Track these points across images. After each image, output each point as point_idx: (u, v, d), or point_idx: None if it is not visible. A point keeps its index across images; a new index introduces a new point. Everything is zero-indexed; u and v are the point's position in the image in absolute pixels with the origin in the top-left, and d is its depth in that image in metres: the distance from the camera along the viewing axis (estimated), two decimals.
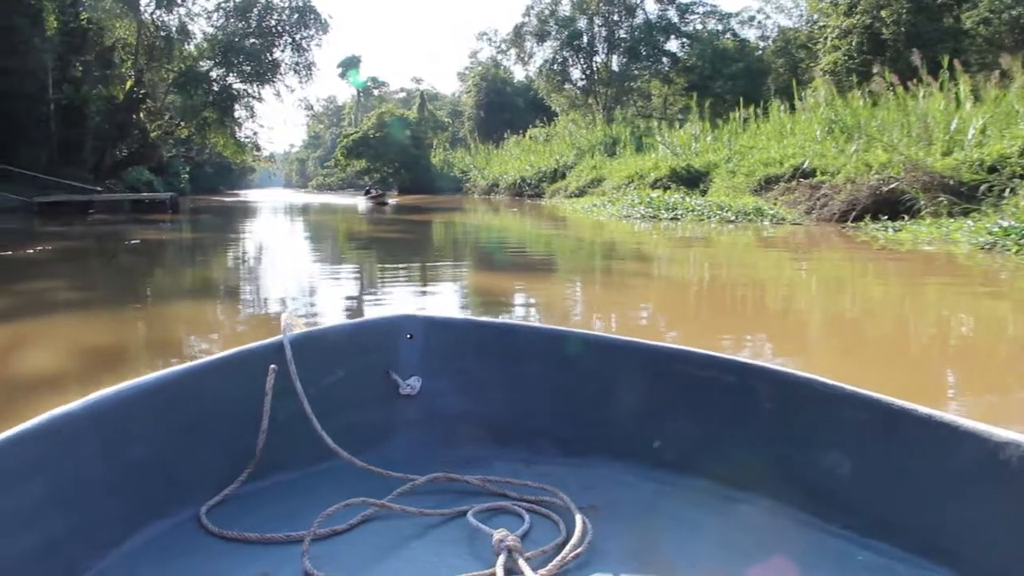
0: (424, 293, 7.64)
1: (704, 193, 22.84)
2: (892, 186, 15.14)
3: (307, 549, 1.48)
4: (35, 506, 1.38)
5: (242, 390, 1.79)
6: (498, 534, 1.47)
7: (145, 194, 30.40)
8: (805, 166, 19.31)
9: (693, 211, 18.83)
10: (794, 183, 19.38)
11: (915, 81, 18.44)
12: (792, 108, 27.85)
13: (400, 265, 10.57)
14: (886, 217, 14.15)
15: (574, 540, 1.51)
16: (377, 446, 1.98)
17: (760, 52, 48.81)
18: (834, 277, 9.10)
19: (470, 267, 9.90)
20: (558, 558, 1.45)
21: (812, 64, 39.74)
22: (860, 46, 33.81)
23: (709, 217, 17.98)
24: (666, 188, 24.39)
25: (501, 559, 1.41)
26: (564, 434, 2.01)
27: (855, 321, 6.43)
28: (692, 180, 24.60)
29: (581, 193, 32.10)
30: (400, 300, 7.01)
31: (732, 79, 44.72)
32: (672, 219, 18.64)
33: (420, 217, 25.69)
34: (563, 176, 38.04)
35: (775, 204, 18.33)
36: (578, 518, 1.60)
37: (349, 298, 7.54)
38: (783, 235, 14.37)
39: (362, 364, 2.06)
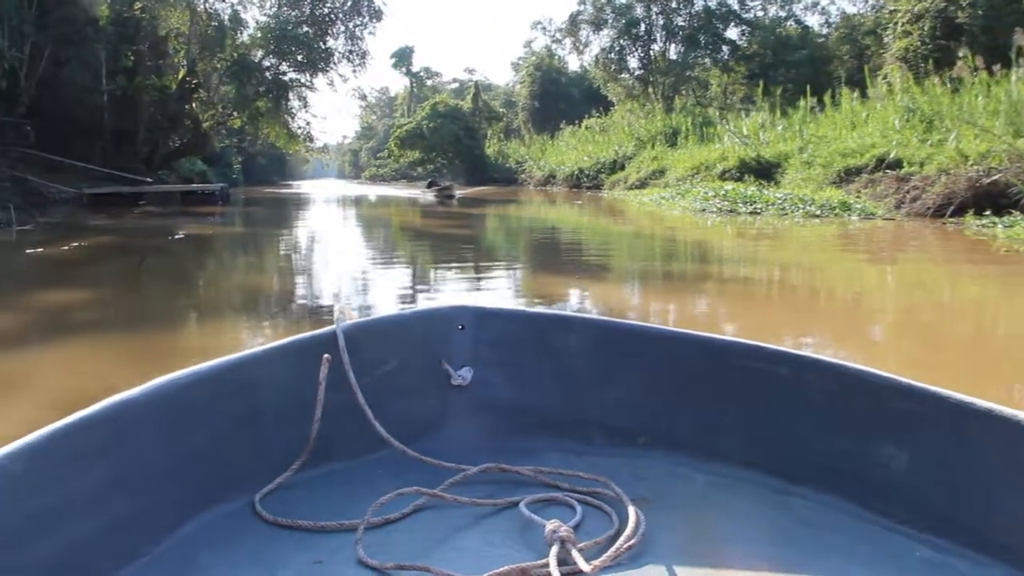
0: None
1: (777, 184, 21.57)
2: (995, 178, 13.83)
3: (361, 537, 1.50)
4: (98, 490, 1.41)
5: (296, 379, 1.80)
6: (551, 525, 1.45)
7: (195, 185, 29.73)
8: (890, 157, 17.95)
9: (773, 204, 17.56)
10: (878, 175, 18.11)
11: (1000, 65, 17.07)
12: (864, 96, 26.63)
13: (497, 272, 9.25)
14: (988, 212, 12.80)
15: (628, 532, 1.50)
16: (429, 436, 1.98)
17: (823, 39, 46.89)
18: (977, 294, 7.58)
19: (571, 276, 8.49)
20: (612, 550, 1.43)
21: (880, 51, 38.08)
22: (933, 31, 32.10)
23: (792, 211, 16.69)
24: (736, 179, 23.32)
25: (554, 550, 1.39)
26: (616, 425, 2.00)
27: None
28: (763, 171, 23.42)
29: (642, 185, 31.07)
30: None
31: (795, 67, 43.20)
32: (751, 213, 17.42)
33: (487, 211, 24.15)
34: (622, 167, 36.98)
35: (858, 197, 17.03)
36: (631, 510, 1.59)
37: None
38: (881, 233, 13.10)
39: (414, 354, 2.06)
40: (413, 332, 2.10)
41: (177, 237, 13.33)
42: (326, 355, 1.80)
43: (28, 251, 10.76)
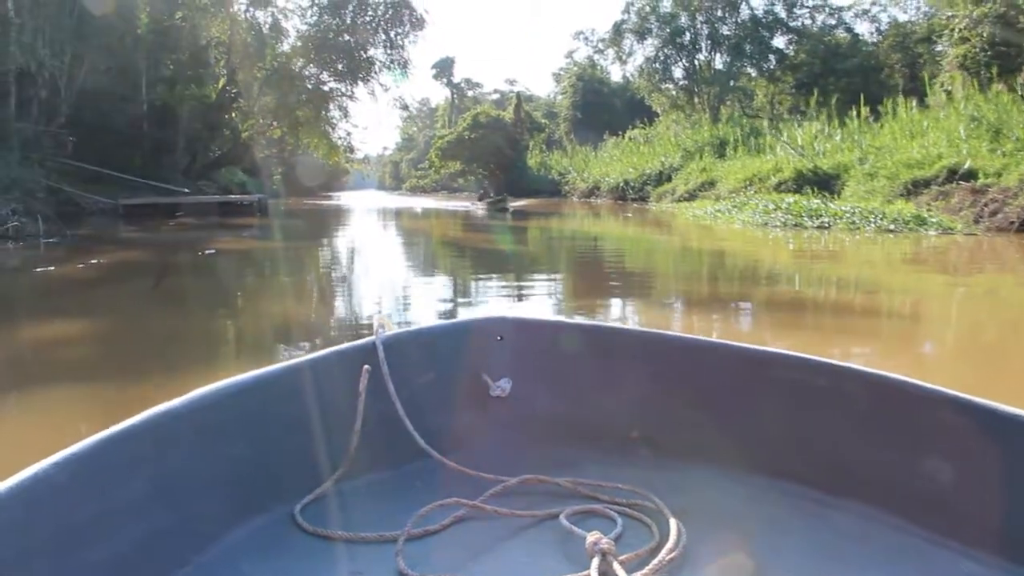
0: None
1: (836, 197, 20.49)
2: None
3: (401, 548, 1.50)
4: (141, 500, 1.41)
5: (335, 390, 1.81)
6: (592, 537, 1.44)
7: (232, 196, 29.05)
8: (963, 168, 16.85)
9: (841, 218, 16.42)
10: (949, 187, 17.00)
11: None
12: (922, 105, 25.56)
13: (584, 301, 7.99)
14: None
15: (669, 544, 1.49)
16: (468, 447, 1.96)
17: (873, 47, 45.47)
18: None
19: (661, 304, 7.48)
20: (653, 562, 1.42)
21: (937, 58, 36.75)
22: (993, 36, 30.83)
23: (862, 225, 15.55)
24: (792, 192, 22.33)
25: (595, 562, 1.39)
26: (655, 437, 1.99)
27: None
28: (821, 183, 22.44)
29: (691, 197, 30.30)
30: None
31: (845, 76, 41.94)
32: (819, 227, 16.34)
33: (543, 224, 23.01)
34: (669, 179, 36.28)
35: (930, 210, 15.89)
36: (672, 522, 1.58)
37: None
38: (965, 250, 12.01)
39: (453, 365, 2.07)
40: (452, 343, 2.09)
41: (208, 252, 12.54)
42: (366, 366, 1.82)
43: (38, 269, 10.02)
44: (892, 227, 14.95)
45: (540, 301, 7.66)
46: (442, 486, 1.76)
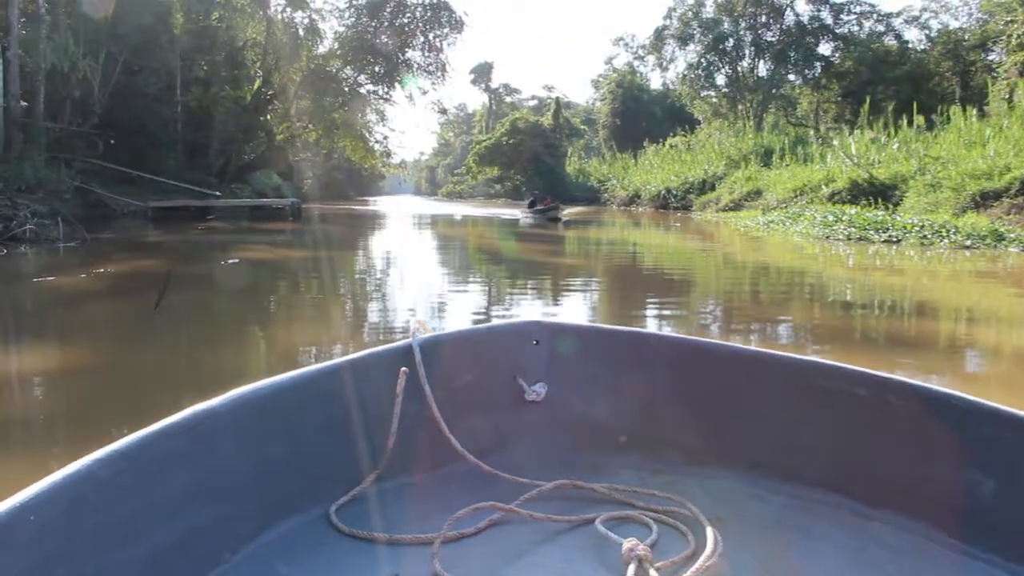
0: None
1: (896, 208, 19.33)
2: None
3: (437, 551, 1.49)
4: (180, 497, 1.42)
5: (371, 392, 1.81)
6: (628, 543, 1.45)
7: (264, 200, 28.28)
8: None
9: (910, 231, 15.21)
10: (1023, 199, 15.84)
11: None
12: (981, 113, 24.38)
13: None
14: None
15: (707, 552, 1.47)
16: (502, 451, 1.96)
17: (923, 55, 43.96)
18: None
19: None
20: (690, 571, 1.41)
21: (994, 66, 35.36)
22: None
23: (934, 240, 14.36)
24: (847, 202, 21.31)
25: (631, 569, 1.39)
26: (691, 444, 1.96)
27: None
28: (877, 194, 21.24)
29: (736, 206, 29.28)
30: None
31: (894, 84, 40.55)
32: (887, 241, 15.11)
33: (600, 236, 21.54)
34: (712, 187, 35.29)
35: (1004, 224, 14.70)
36: (708, 530, 1.56)
37: None
38: None
39: (488, 369, 2.05)
40: (488, 346, 2.08)
41: (230, 262, 11.53)
42: (403, 368, 1.81)
43: (37, 279, 9.10)
44: (968, 243, 13.71)
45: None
46: (477, 489, 1.75)
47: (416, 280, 10.27)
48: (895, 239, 15.22)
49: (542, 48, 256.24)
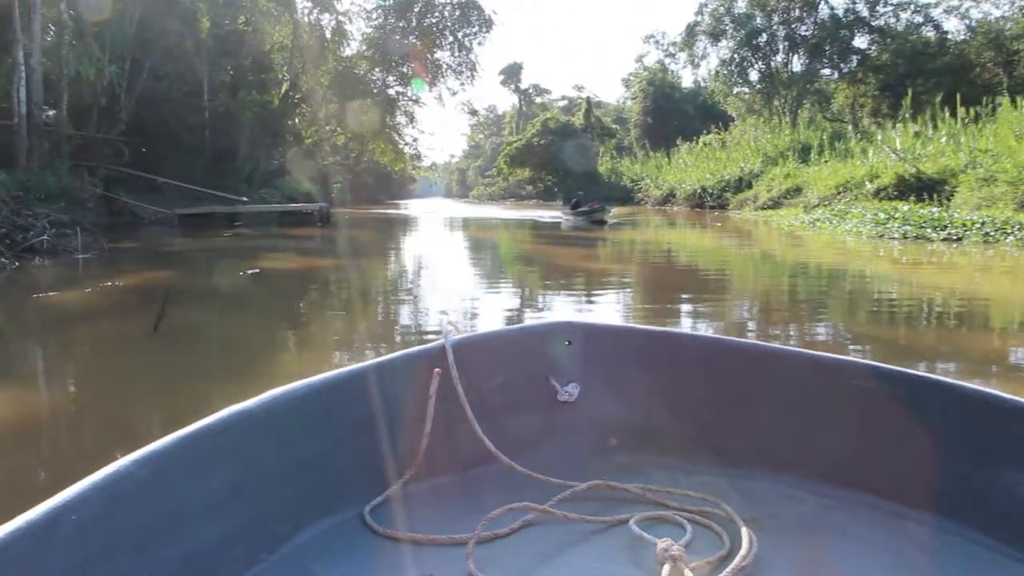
0: None
1: (947, 204, 18.30)
2: None
3: (472, 552, 1.49)
4: (217, 497, 1.42)
5: (405, 392, 1.82)
6: (662, 543, 1.43)
7: (292, 205, 27.60)
8: None
9: (970, 229, 14.20)
10: None
11: None
12: None
13: None
14: None
15: (742, 552, 1.46)
16: (535, 451, 1.94)
17: (963, 45, 42.57)
18: None
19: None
20: (726, 571, 1.39)
21: None
22: None
23: (999, 238, 13.35)
24: (893, 199, 20.41)
25: (666, 569, 1.38)
26: (724, 444, 1.94)
27: None
28: (925, 189, 20.27)
29: (775, 204, 28.48)
30: None
31: (934, 76, 39.17)
32: (947, 240, 14.13)
33: (649, 238, 20.32)
34: (749, 185, 34.62)
35: None
36: (743, 531, 1.55)
37: None
38: None
39: (521, 369, 2.05)
40: (520, 347, 2.07)
41: (250, 273, 10.74)
42: (437, 369, 1.83)
43: (38, 295, 8.35)
44: None
45: None
46: (510, 490, 1.75)
47: (453, 296, 8.84)
48: (955, 237, 14.28)
49: (571, 48, 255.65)
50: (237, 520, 1.44)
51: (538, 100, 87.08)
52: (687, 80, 61.46)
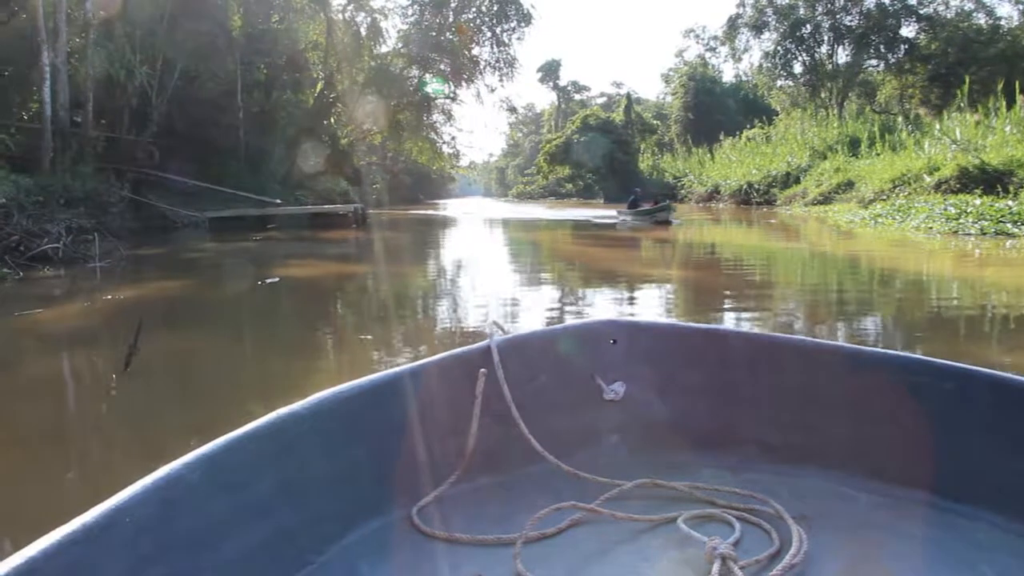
0: None
1: (1015, 197, 16.90)
2: None
3: (519, 552, 1.48)
4: (266, 500, 1.43)
5: (451, 393, 1.81)
6: (711, 542, 1.41)
7: (326, 207, 26.62)
8: None
9: None
10: None
11: None
12: None
13: None
14: None
15: (792, 551, 1.44)
16: (581, 450, 1.93)
17: (1017, 31, 40.82)
18: None
19: None
20: (776, 569, 1.37)
21: None
22: None
23: None
24: (957, 192, 19.28)
25: (715, 567, 1.35)
26: (772, 441, 1.91)
27: None
28: (991, 181, 18.89)
29: (826, 200, 27.17)
30: None
31: (988, 64, 37.56)
32: None
33: (710, 237, 18.55)
34: (797, 180, 33.18)
35: None
36: (793, 529, 1.53)
37: None
38: None
39: (566, 369, 2.03)
40: (565, 346, 2.06)
41: (268, 282, 9.65)
42: (483, 369, 1.82)
43: (17, 314, 7.23)
44: None
45: None
46: (557, 489, 1.74)
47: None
48: None
49: (609, 44, 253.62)
50: (286, 522, 1.44)
51: (577, 97, 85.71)
52: (728, 74, 60.28)
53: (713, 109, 56.21)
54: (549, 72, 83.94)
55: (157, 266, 12.42)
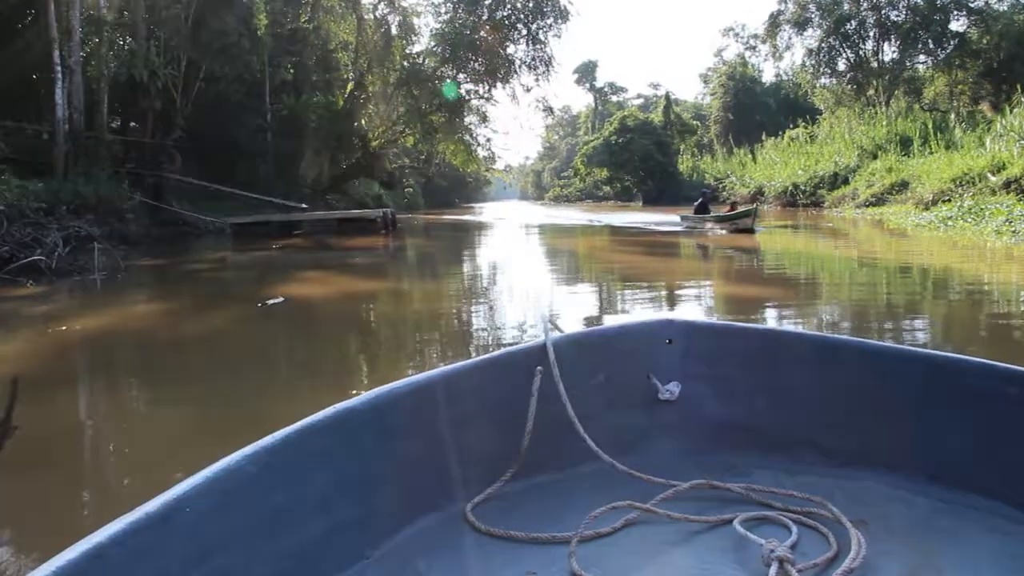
0: None
1: None
2: None
3: (574, 550, 1.46)
4: (323, 494, 1.43)
5: (505, 390, 1.79)
6: (768, 544, 1.38)
7: (353, 212, 25.25)
8: None
9: None
10: None
11: None
12: None
13: None
14: None
15: (850, 555, 1.40)
16: (636, 450, 1.91)
17: None
18: None
19: None
20: (836, 573, 1.34)
21: None
22: None
23: None
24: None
25: (773, 570, 1.33)
26: (829, 444, 1.86)
27: None
28: None
29: (879, 201, 25.50)
30: None
31: None
32: None
33: (803, 247, 15.18)
34: (846, 181, 31.41)
35: None
36: (852, 532, 1.49)
37: None
38: None
39: (621, 368, 2.00)
40: (621, 345, 2.03)
41: (271, 303, 7.97)
42: (539, 367, 1.79)
43: None
44: None
45: None
46: (611, 489, 1.71)
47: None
48: None
49: (646, 44, 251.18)
50: (342, 516, 1.43)
51: (613, 99, 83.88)
52: (768, 73, 58.37)
53: (753, 109, 54.60)
54: (586, 73, 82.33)
55: (155, 279, 11.12)
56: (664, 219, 26.00)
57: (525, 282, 10.71)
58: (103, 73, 19.08)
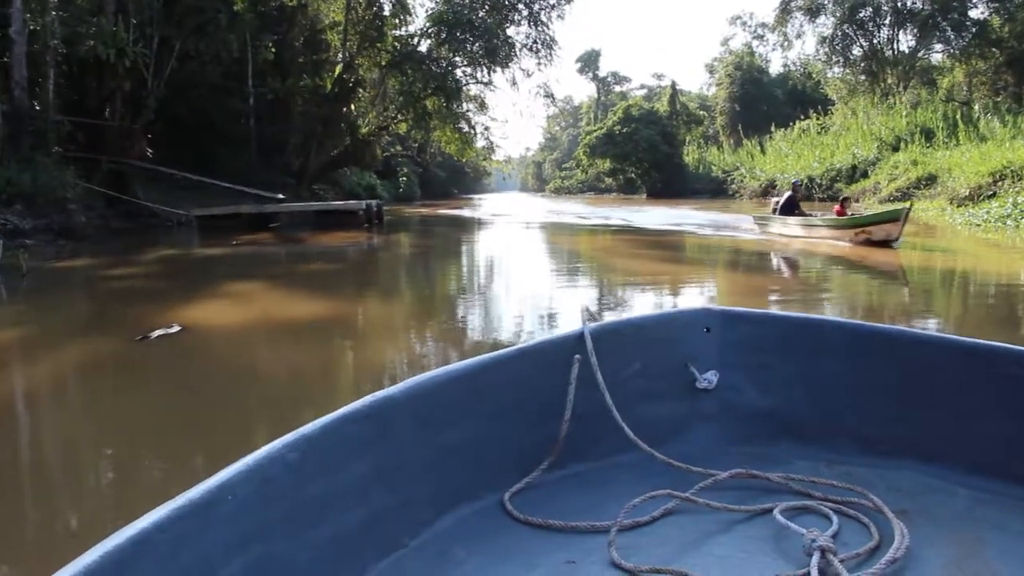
0: None
1: None
2: None
3: (614, 539, 1.44)
4: (361, 483, 1.41)
5: (543, 379, 1.74)
6: (810, 534, 1.35)
7: (333, 203, 22.86)
8: None
9: None
10: None
11: None
12: None
13: None
14: None
15: (894, 545, 1.37)
16: (674, 439, 1.86)
17: None
18: None
19: None
20: (879, 564, 1.30)
21: None
22: None
23: None
24: None
25: (815, 560, 1.30)
26: (869, 434, 1.80)
27: None
28: None
29: (904, 196, 23.34)
30: None
31: None
32: None
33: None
34: (865, 174, 29.40)
35: None
36: (894, 523, 1.46)
37: None
38: None
39: (659, 357, 1.94)
40: (658, 334, 1.97)
41: (155, 335, 5.43)
42: (577, 356, 1.74)
43: None
44: None
45: None
46: (650, 478, 1.68)
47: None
48: None
49: (650, 33, 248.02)
50: (381, 504, 1.42)
51: (617, 89, 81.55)
52: (776, 64, 56.15)
53: (760, 99, 52.70)
54: (588, 62, 80.00)
55: (50, 286, 8.77)
56: (718, 218, 20.61)
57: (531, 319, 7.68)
58: (49, 45, 16.64)
